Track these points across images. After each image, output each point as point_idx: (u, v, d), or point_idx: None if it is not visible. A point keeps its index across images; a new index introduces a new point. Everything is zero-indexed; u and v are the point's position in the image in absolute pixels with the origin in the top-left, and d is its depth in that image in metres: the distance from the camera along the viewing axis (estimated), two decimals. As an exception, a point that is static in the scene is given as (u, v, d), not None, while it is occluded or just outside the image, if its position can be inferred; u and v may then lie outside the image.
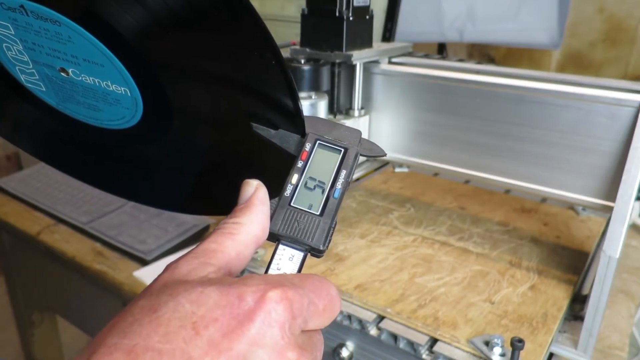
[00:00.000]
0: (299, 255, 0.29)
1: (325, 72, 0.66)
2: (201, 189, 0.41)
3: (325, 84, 0.66)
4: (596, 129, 0.56)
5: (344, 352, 0.59)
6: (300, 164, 0.31)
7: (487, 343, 0.52)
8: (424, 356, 0.54)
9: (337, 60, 0.67)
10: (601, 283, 0.54)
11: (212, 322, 0.22)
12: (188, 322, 0.22)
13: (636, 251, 0.83)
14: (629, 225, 0.73)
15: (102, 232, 0.89)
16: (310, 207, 0.30)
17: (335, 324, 0.59)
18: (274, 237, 0.30)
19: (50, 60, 0.34)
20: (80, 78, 0.35)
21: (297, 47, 0.69)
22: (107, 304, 0.86)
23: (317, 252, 0.30)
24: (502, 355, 0.51)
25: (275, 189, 0.30)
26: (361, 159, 0.34)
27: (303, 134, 0.32)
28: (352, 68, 0.69)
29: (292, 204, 0.30)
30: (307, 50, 0.68)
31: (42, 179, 1.10)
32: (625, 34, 1.56)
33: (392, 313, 0.57)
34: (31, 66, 0.35)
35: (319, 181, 0.31)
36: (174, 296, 0.23)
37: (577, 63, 1.62)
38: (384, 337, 0.56)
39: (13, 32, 0.33)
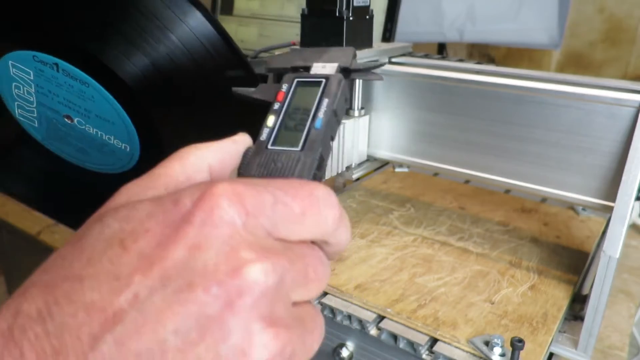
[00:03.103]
0: None
1: (325, 72, 0.66)
2: None
3: (325, 84, 0.66)
4: (596, 129, 0.56)
5: (344, 352, 0.59)
6: (276, 105, 0.28)
7: (487, 343, 0.52)
8: (424, 356, 0.54)
9: (337, 60, 0.67)
10: (601, 283, 0.54)
11: (143, 234, 0.18)
12: (115, 241, 0.18)
13: (636, 251, 0.83)
14: (629, 225, 0.73)
15: (102, 232, 0.89)
16: (290, 145, 0.26)
17: (335, 324, 0.59)
18: None
19: (59, 107, 0.35)
20: (84, 127, 0.35)
21: (297, 47, 0.69)
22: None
23: None
24: (502, 355, 0.51)
25: None
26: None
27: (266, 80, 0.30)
28: (352, 68, 0.69)
29: (269, 146, 0.26)
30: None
31: (42, 179, 1.10)
32: (625, 34, 1.56)
33: (392, 313, 0.57)
34: (34, 106, 0.35)
35: (300, 118, 0.27)
36: (100, 218, 0.20)
37: (577, 63, 1.62)
38: (384, 337, 0.56)
39: (32, 78, 0.33)
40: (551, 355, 0.58)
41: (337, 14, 0.64)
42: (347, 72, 0.29)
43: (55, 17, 0.30)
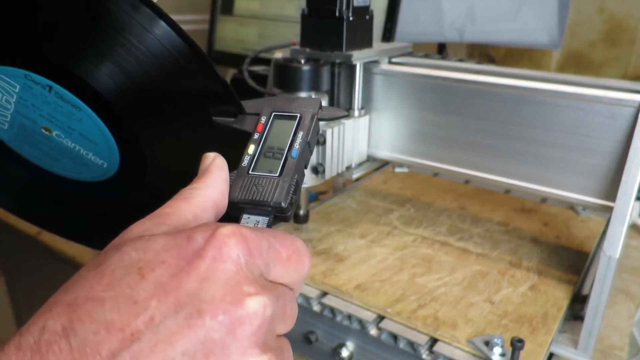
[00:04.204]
0: (264, 220, 0.28)
1: (325, 72, 0.66)
2: None
3: (325, 84, 0.66)
4: (596, 129, 0.56)
5: (344, 352, 0.59)
6: (256, 135, 0.31)
7: (487, 343, 0.52)
8: (424, 356, 0.54)
9: (337, 61, 0.67)
10: (601, 283, 0.54)
11: (159, 264, 0.21)
12: (134, 269, 0.21)
13: (636, 251, 0.83)
14: (629, 225, 0.73)
15: (102, 232, 0.89)
16: (270, 172, 0.29)
17: (335, 324, 0.59)
18: (235, 208, 0.28)
19: (38, 119, 0.34)
20: (62, 140, 0.35)
21: (297, 47, 0.69)
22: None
23: (281, 213, 0.28)
24: (502, 355, 0.51)
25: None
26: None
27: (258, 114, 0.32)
28: (352, 68, 0.69)
29: (250, 172, 0.29)
30: (307, 50, 0.68)
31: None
32: (625, 34, 1.56)
33: (392, 313, 0.57)
34: (10, 112, 0.34)
35: (278, 148, 0.30)
36: (119, 247, 0.22)
37: (577, 63, 1.62)
38: (384, 337, 0.56)
39: (17, 91, 0.33)
40: (551, 355, 0.58)
41: (337, 14, 0.64)
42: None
43: (49, 39, 0.30)
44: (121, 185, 0.37)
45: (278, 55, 0.69)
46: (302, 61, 0.64)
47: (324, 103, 0.67)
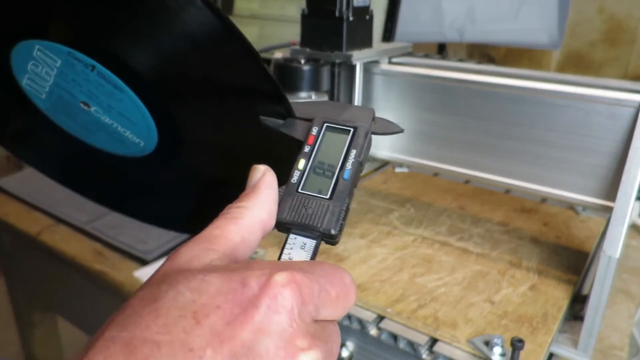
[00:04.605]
0: (311, 243, 0.28)
1: (325, 72, 0.66)
2: (202, 212, 0.41)
3: (325, 84, 0.66)
4: (596, 129, 0.56)
5: (344, 352, 0.59)
6: (307, 148, 0.29)
7: (487, 343, 0.52)
8: (424, 356, 0.54)
9: (337, 61, 0.67)
10: (601, 283, 0.54)
11: (214, 310, 0.21)
12: (188, 311, 0.21)
13: (636, 251, 0.83)
14: (629, 225, 0.73)
15: (102, 232, 0.89)
16: (319, 192, 0.28)
17: (335, 324, 0.59)
18: (283, 227, 0.28)
19: (78, 94, 0.34)
20: (99, 116, 0.35)
21: (297, 47, 0.69)
22: (107, 304, 0.86)
23: (329, 238, 0.28)
24: (502, 355, 0.51)
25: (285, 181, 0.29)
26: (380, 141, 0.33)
27: (308, 120, 0.31)
28: (352, 68, 0.69)
29: (299, 190, 0.28)
30: (307, 50, 0.68)
31: (42, 179, 1.09)
32: (625, 34, 1.56)
33: (392, 313, 0.57)
34: (50, 83, 0.35)
35: (328, 165, 0.29)
36: (173, 285, 0.22)
37: (577, 63, 1.62)
38: (384, 337, 0.56)
39: (58, 65, 0.33)
40: (551, 355, 0.58)
41: (337, 14, 0.64)
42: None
43: (93, 19, 0.30)
44: (155, 164, 0.37)
45: (278, 55, 0.69)
46: (302, 61, 0.64)
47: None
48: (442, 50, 1.52)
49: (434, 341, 0.55)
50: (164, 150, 0.35)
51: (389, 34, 1.02)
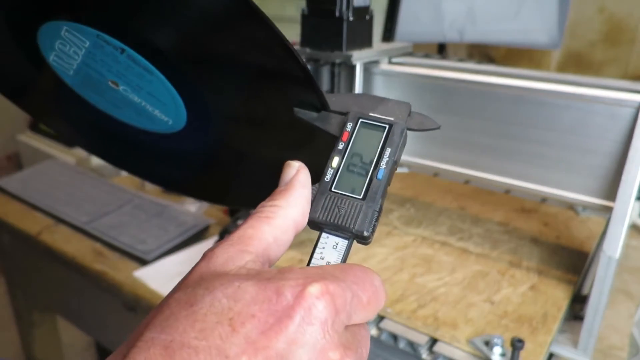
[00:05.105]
0: (343, 243, 0.28)
1: (325, 72, 0.66)
2: (226, 182, 0.41)
3: (325, 84, 0.66)
4: (596, 129, 0.56)
5: (344, 352, 0.59)
6: (341, 145, 0.29)
7: (487, 343, 0.52)
8: (424, 356, 0.54)
9: (337, 61, 0.67)
10: (601, 283, 0.54)
11: (250, 318, 0.21)
12: (225, 318, 0.21)
13: (636, 251, 0.83)
14: (629, 225, 0.73)
15: (102, 232, 0.89)
16: (352, 191, 0.28)
17: (335, 324, 0.59)
18: (315, 225, 0.28)
19: (106, 74, 0.34)
20: (127, 95, 0.35)
21: (297, 47, 0.69)
22: (107, 304, 0.85)
23: (362, 239, 0.28)
24: (502, 355, 0.51)
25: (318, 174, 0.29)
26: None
27: (342, 114, 0.30)
28: (352, 68, 0.69)
29: (332, 189, 0.28)
30: (307, 50, 0.68)
31: (42, 179, 1.10)
32: (625, 34, 1.56)
33: (392, 313, 0.57)
34: (78, 62, 0.34)
35: (362, 162, 0.29)
36: (210, 290, 0.22)
37: (577, 63, 1.62)
38: (384, 337, 0.56)
39: (87, 46, 0.33)
40: (551, 355, 0.58)
41: (337, 14, 0.64)
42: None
43: (125, 3, 0.30)
44: (183, 141, 0.37)
45: (278, 55, 0.69)
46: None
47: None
48: (442, 50, 1.52)
49: (434, 341, 0.55)
50: (191, 129, 0.36)
51: (389, 34, 1.02)
